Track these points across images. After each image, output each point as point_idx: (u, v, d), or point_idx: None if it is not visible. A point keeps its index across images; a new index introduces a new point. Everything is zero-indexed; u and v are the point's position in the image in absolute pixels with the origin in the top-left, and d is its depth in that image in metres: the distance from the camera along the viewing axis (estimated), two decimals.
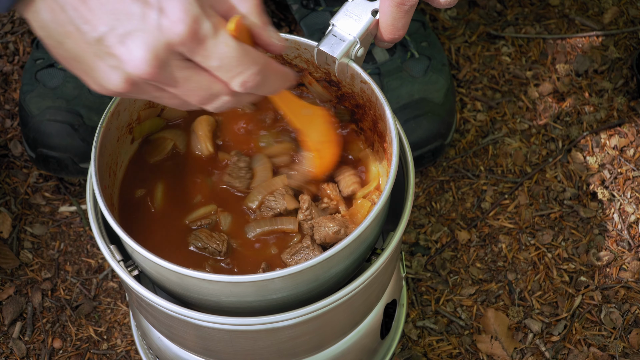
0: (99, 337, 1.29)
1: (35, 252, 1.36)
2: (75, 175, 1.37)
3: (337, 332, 1.05)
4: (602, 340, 1.27)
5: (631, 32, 1.57)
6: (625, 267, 1.33)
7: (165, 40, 0.78)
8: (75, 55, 0.80)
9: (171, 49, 0.78)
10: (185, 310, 0.93)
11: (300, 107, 1.01)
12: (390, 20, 0.96)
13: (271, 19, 1.60)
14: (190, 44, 0.78)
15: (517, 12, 1.60)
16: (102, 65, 0.79)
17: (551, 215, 1.38)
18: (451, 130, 1.40)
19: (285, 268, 0.88)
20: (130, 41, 0.78)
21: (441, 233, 1.36)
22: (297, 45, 1.03)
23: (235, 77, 0.81)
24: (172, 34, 0.77)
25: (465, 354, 1.27)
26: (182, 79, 0.80)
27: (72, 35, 0.79)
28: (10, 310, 1.30)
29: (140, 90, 0.81)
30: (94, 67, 0.80)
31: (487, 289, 1.32)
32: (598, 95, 1.50)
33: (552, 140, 1.46)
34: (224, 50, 0.79)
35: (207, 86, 0.82)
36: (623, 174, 1.41)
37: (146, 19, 0.77)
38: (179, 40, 0.77)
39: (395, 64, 1.39)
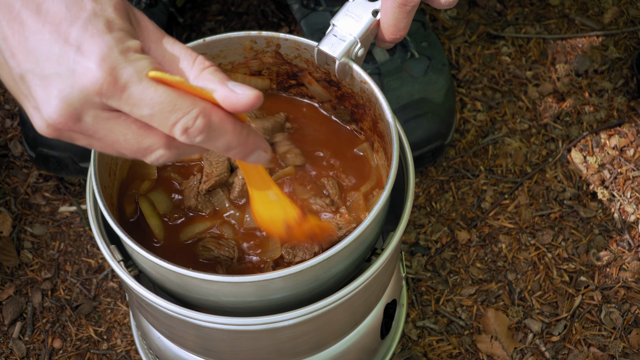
0: (99, 337, 1.29)
1: (35, 252, 1.36)
2: (75, 174, 1.37)
3: (337, 332, 1.05)
4: (602, 340, 1.27)
5: (631, 32, 1.57)
6: (625, 267, 1.33)
7: (80, 87, 0.70)
8: (9, 87, 0.75)
9: (88, 98, 0.70)
10: (185, 310, 0.93)
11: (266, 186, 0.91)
12: (392, 20, 0.96)
13: (271, 19, 1.60)
14: (110, 92, 0.70)
15: (517, 12, 1.59)
16: (27, 104, 0.73)
17: (551, 215, 1.38)
18: (451, 130, 1.40)
19: (286, 268, 0.88)
20: (47, 85, 0.70)
21: (441, 233, 1.36)
22: (298, 46, 1.03)
23: (174, 125, 0.71)
24: (87, 81, 0.69)
25: (465, 354, 1.27)
26: (103, 131, 0.72)
27: (3, 66, 0.73)
28: (10, 310, 1.30)
29: (67, 137, 0.73)
30: (23, 104, 0.74)
31: (487, 289, 1.32)
32: (598, 95, 1.50)
33: (552, 140, 1.46)
34: (153, 95, 0.70)
35: (135, 139, 0.72)
36: (623, 174, 1.41)
37: (63, 61, 0.70)
38: (95, 89, 0.69)
39: (395, 64, 1.39)
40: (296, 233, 0.94)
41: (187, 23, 1.60)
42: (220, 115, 0.74)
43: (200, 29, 1.59)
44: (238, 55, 1.07)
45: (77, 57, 0.70)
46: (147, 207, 1.01)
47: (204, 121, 0.72)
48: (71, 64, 0.70)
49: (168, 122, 0.71)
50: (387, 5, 0.95)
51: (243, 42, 1.05)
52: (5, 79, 0.74)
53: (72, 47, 0.70)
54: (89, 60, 0.70)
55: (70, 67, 0.70)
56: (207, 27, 1.59)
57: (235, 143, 0.76)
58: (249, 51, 1.06)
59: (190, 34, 1.59)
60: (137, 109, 0.71)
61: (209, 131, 0.73)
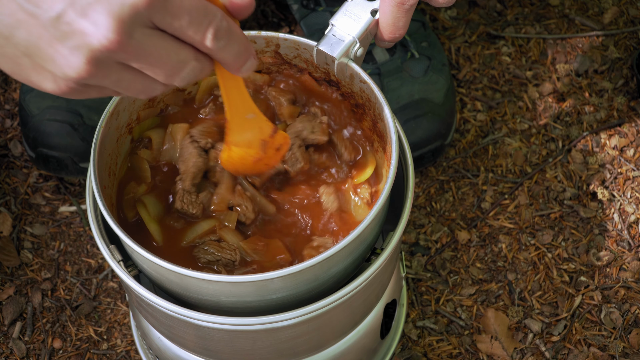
0: (99, 337, 1.29)
1: (35, 252, 1.36)
2: (75, 175, 1.37)
3: (337, 332, 1.05)
4: (602, 340, 1.27)
5: (631, 32, 1.57)
6: (625, 267, 1.33)
7: (130, 3, 0.73)
8: (27, 48, 0.75)
9: (137, 13, 0.74)
10: (185, 310, 0.93)
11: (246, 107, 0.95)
12: (391, 19, 0.96)
13: (271, 19, 1.60)
14: (155, 3, 0.74)
15: (517, 12, 1.59)
16: (61, 49, 0.74)
17: (551, 215, 1.38)
18: (451, 130, 1.40)
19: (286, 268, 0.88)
20: (92, 11, 0.73)
21: (441, 233, 1.36)
22: (297, 45, 1.03)
23: (207, 29, 0.77)
24: None
25: (465, 354, 1.27)
26: (150, 46, 0.76)
27: (24, 23, 0.74)
28: (10, 310, 1.30)
29: (104, 72, 0.76)
30: (51, 56, 0.75)
31: (487, 289, 1.32)
32: (598, 95, 1.50)
33: (552, 140, 1.46)
34: (189, 3, 0.76)
35: (175, 52, 0.77)
36: (623, 174, 1.41)
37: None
38: (144, 2, 0.73)
39: (395, 64, 1.39)
40: (269, 150, 0.97)
41: None
42: (231, 20, 0.80)
43: None
44: None
45: None
46: (145, 213, 1.01)
47: (227, 23, 0.79)
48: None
49: (202, 26, 0.77)
50: (386, 4, 0.95)
51: None
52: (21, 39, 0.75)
53: None
54: None
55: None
56: None
57: (243, 48, 0.82)
58: None
59: None
60: (177, 19, 0.76)
61: (230, 34, 0.79)
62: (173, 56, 0.78)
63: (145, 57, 0.76)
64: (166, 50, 0.77)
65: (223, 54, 0.81)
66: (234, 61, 0.82)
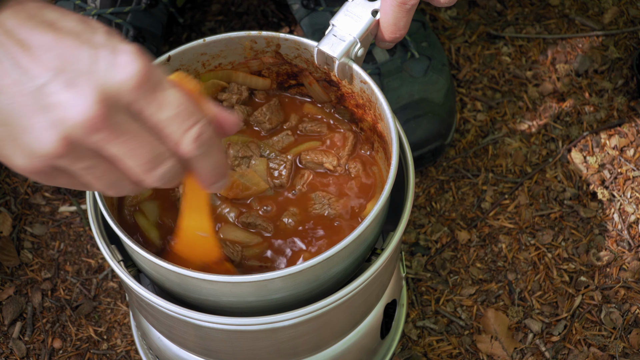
0: (99, 337, 1.29)
1: (35, 252, 1.36)
2: None
3: (337, 332, 1.05)
4: (602, 340, 1.27)
5: (631, 32, 1.57)
6: (625, 267, 1.33)
7: (117, 82, 0.71)
8: (6, 115, 0.71)
9: (123, 94, 0.71)
10: (185, 310, 0.93)
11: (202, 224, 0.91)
12: (392, 19, 0.96)
13: (271, 19, 1.60)
14: (143, 89, 0.71)
15: (517, 12, 1.60)
16: (38, 121, 0.70)
17: (551, 215, 1.38)
18: (451, 130, 1.40)
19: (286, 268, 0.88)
20: (78, 84, 0.70)
21: (441, 233, 1.36)
22: (298, 46, 1.03)
23: (190, 130, 0.73)
24: (127, 74, 0.71)
25: (465, 354, 1.27)
26: (129, 132, 0.72)
27: (8, 88, 0.70)
28: (10, 310, 1.30)
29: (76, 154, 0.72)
30: (26, 126, 0.71)
31: (487, 289, 1.32)
32: (598, 95, 1.50)
33: (552, 140, 1.46)
34: (177, 96, 0.73)
35: (153, 146, 0.73)
36: (623, 174, 1.41)
37: (96, 61, 0.71)
38: (133, 83, 0.71)
39: (395, 64, 1.39)
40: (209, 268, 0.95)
41: (187, 23, 1.60)
42: (215, 130, 0.77)
43: (200, 29, 1.59)
44: (238, 55, 1.07)
45: (113, 55, 0.71)
46: (144, 220, 1.01)
47: (211, 130, 0.75)
48: (107, 62, 0.71)
49: (185, 125, 0.73)
50: (387, 4, 0.95)
51: (243, 42, 1.05)
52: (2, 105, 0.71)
53: (106, 47, 0.71)
54: (126, 56, 0.71)
55: (106, 65, 0.71)
56: (207, 27, 1.59)
57: (222, 163, 0.78)
58: (249, 51, 1.06)
59: (190, 34, 1.59)
60: (161, 110, 0.73)
61: (211, 143, 0.75)
62: (150, 149, 0.73)
63: (123, 141, 0.72)
64: (144, 141, 0.73)
65: (200, 162, 0.76)
66: (209, 174, 0.78)
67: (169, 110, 0.73)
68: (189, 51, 1.04)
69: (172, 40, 1.57)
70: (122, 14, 1.39)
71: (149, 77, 0.71)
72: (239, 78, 1.09)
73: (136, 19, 1.40)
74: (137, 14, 1.40)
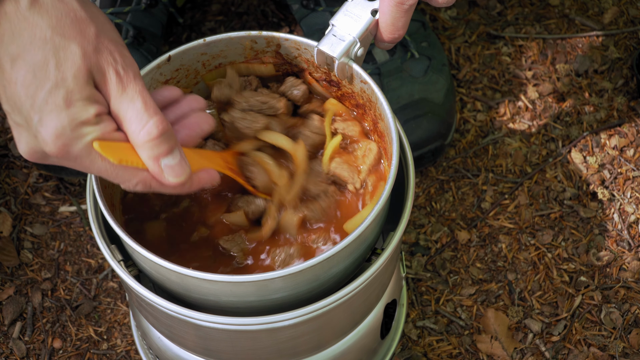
0: (99, 337, 1.29)
1: (35, 252, 1.36)
2: (75, 175, 1.37)
3: (337, 332, 1.05)
4: (602, 340, 1.27)
5: (631, 32, 1.57)
6: (625, 267, 1.33)
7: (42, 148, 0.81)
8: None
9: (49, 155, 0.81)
10: (185, 310, 0.93)
11: None
12: (390, 19, 0.96)
13: (271, 19, 1.60)
14: (65, 160, 0.81)
15: (517, 12, 1.60)
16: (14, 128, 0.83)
17: (551, 215, 1.38)
18: (451, 130, 1.40)
19: (286, 268, 0.88)
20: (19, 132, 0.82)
21: (441, 233, 1.36)
22: (298, 46, 1.03)
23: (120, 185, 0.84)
24: (46, 148, 0.80)
25: (465, 354, 1.27)
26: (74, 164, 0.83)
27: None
28: (10, 310, 1.30)
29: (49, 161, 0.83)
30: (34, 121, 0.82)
31: (487, 289, 1.32)
32: (598, 95, 1.50)
33: (552, 140, 1.46)
34: (99, 165, 0.82)
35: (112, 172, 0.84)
36: (623, 174, 1.41)
37: (29, 121, 0.80)
38: (52, 155, 0.81)
39: (395, 64, 1.39)
40: None
41: (187, 23, 1.60)
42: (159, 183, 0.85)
43: (200, 29, 1.59)
44: (238, 55, 1.07)
45: (38, 127, 0.79)
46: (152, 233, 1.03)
47: (143, 187, 0.85)
48: (34, 129, 0.80)
49: (115, 182, 0.84)
50: (385, 4, 0.95)
51: (243, 42, 1.05)
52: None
53: (36, 114, 0.79)
54: (46, 134, 0.79)
55: (33, 131, 0.80)
56: (207, 27, 1.59)
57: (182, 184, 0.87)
58: (249, 51, 1.06)
59: (190, 34, 1.59)
60: (90, 171, 0.83)
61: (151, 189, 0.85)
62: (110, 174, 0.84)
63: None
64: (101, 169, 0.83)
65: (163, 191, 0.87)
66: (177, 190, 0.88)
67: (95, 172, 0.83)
68: (189, 51, 1.04)
69: (172, 40, 1.57)
70: (122, 14, 1.39)
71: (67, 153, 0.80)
72: (242, 69, 1.09)
73: (136, 19, 1.40)
74: (137, 14, 1.40)
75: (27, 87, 0.79)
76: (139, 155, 0.83)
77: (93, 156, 0.81)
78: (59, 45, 0.79)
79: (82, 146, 0.80)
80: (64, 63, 0.79)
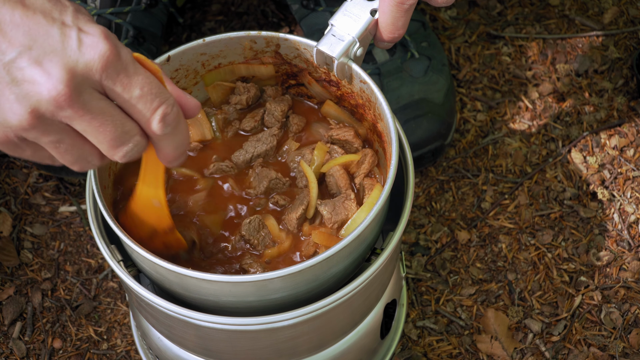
0: (99, 337, 1.29)
1: (35, 252, 1.36)
2: (75, 175, 1.37)
3: (337, 332, 1.05)
4: (602, 340, 1.27)
5: (631, 32, 1.57)
6: (625, 267, 1.33)
7: (85, 62, 0.73)
8: None
9: (90, 72, 0.74)
10: (185, 310, 0.93)
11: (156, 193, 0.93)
12: (390, 19, 0.96)
13: (271, 19, 1.60)
14: (112, 67, 0.74)
15: (517, 12, 1.60)
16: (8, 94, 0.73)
17: (551, 215, 1.38)
18: (451, 131, 1.40)
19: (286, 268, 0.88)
20: (46, 61, 0.73)
21: (441, 233, 1.36)
22: (297, 45, 1.03)
23: (157, 109, 0.77)
24: (94, 54, 0.73)
25: (465, 354, 1.27)
26: (97, 109, 0.74)
27: None
28: (10, 310, 1.30)
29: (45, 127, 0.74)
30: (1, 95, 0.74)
31: (487, 289, 1.32)
32: (598, 95, 1.50)
33: (552, 140, 1.46)
34: (144, 76, 0.76)
35: (121, 122, 0.76)
36: (623, 174, 1.41)
37: (64, 39, 0.73)
38: (102, 63, 0.74)
39: (395, 64, 1.39)
40: (156, 241, 0.96)
41: (187, 23, 1.60)
42: (180, 109, 0.80)
43: (200, 29, 1.59)
44: (238, 55, 1.07)
45: (81, 35, 0.73)
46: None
47: (177, 110, 0.78)
48: (75, 41, 0.73)
49: (152, 105, 0.76)
50: (385, 4, 0.95)
51: (243, 42, 1.05)
52: None
53: (73, 28, 0.73)
54: (94, 36, 0.73)
55: (74, 44, 0.73)
56: (207, 27, 1.59)
57: (183, 142, 0.81)
58: (248, 51, 1.06)
59: (190, 34, 1.59)
60: (128, 89, 0.75)
61: (177, 122, 0.79)
62: (118, 126, 0.76)
63: (90, 119, 0.75)
64: (112, 117, 0.75)
65: (165, 141, 0.79)
66: (172, 152, 0.81)
67: (136, 90, 0.75)
68: (189, 51, 1.04)
69: (172, 40, 1.57)
70: (122, 14, 1.39)
71: (115, 58, 0.74)
72: (242, 70, 1.09)
73: (136, 19, 1.40)
74: (137, 14, 1.40)
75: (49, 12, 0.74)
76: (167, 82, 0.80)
77: (138, 66, 0.76)
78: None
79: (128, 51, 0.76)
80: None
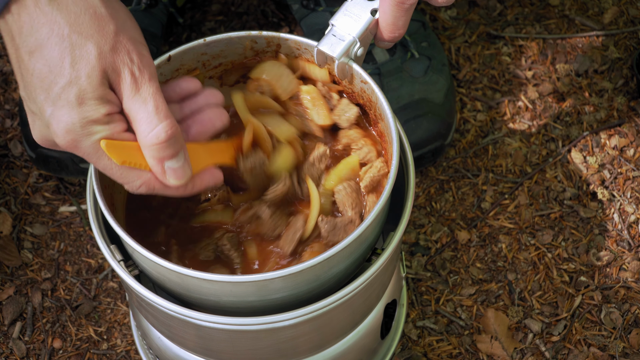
0: (99, 337, 1.29)
1: (35, 252, 1.36)
2: (75, 175, 1.37)
3: (337, 332, 1.05)
4: (602, 340, 1.27)
5: (631, 32, 1.57)
6: (625, 267, 1.33)
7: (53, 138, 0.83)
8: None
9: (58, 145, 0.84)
10: (185, 310, 0.93)
11: None
12: (391, 19, 0.96)
13: (271, 19, 1.60)
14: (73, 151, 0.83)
15: (517, 12, 1.60)
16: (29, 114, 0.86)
17: (551, 215, 1.38)
18: (451, 131, 1.40)
19: (286, 268, 0.88)
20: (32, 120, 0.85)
21: (441, 233, 1.36)
22: (298, 45, 1.03)
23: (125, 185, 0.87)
24: (56, 138, 0.83)
25: (465, 354, 1.27)
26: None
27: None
28: (10, 310, 1.30)
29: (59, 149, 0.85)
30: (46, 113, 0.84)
31: (487, 289, 1.32)
32: (598, 95, 1.50)
33: (552, 140, 1.46)
34: (105, 164, 0.84)
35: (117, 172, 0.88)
36: (623, 174, 1.41)
37: (42, 112, 0.82)
38: (62, 146, 0.83)
39: (395, 64, 1.39)
40: None
41: (187, 23, 1.60)
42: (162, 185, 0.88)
43: (200, 29, 1.59)
44: (238, 55, 1.07)
45: (50, 119, 0.82)
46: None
47: (147, 189, 0.87)
48: (46, 120, 0.82)
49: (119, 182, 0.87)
50: (385, 3, 0.95)
51: (243, 42, 1.05)
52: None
53: (49, 107, 0.82)
54: (57, 127, 0.82)
55: (45, 122, 0.83)
56: (207, 27, 1.59)
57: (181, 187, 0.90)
58: (249, 51, 1.06)
59: (190, 34, 1.59)
60: (96, 167, 0.86)
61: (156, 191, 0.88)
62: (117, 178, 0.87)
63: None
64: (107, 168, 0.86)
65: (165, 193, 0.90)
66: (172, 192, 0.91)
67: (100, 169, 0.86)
68: (189, 51, 1.04)
69: (172, 40, 1.57)
70: None
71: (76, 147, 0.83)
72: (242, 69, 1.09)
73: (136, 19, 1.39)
74: (137, 14, 1.40)
75: (42, 80, 0.80)
76: (144, 156, 0.84)
77: (100, 154, 0.83)
78: (75, 43, 0.80)
79: (90, 143, 0.82)
80: (79, 61, 0.80)
